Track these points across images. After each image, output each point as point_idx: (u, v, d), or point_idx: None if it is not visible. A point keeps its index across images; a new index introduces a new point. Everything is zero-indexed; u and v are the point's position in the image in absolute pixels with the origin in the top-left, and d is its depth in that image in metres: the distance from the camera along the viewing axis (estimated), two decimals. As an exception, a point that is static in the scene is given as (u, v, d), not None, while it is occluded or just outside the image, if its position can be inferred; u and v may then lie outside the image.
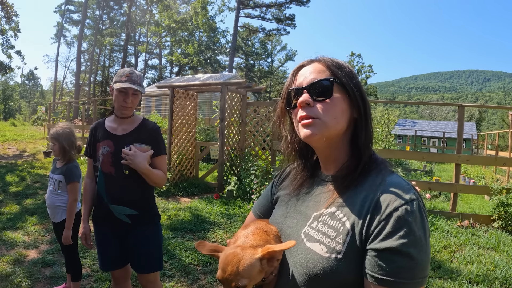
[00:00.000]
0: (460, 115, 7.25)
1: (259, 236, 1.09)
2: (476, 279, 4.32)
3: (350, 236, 0.95)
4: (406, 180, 1.01)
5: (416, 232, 0.88)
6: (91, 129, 2.62)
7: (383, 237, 0.89)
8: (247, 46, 52.77)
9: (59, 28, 59.13)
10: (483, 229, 6.37)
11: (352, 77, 1.06)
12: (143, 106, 21.33)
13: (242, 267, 0.95)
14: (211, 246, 1.08)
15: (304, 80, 1.06)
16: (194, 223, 6.09)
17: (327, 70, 1.05)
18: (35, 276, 3.99)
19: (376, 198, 0.96)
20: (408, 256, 0.86)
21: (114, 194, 2.45)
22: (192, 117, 9.47)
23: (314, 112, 1.02)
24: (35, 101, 74.87)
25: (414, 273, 0.87)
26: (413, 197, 0.93)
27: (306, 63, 1.11)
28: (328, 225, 1.01)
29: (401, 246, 0.86)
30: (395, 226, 0.89)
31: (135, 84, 2.38)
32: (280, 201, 1.27)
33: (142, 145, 2.37)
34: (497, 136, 19.13)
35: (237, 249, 1.00)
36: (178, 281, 4.05)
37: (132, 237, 2.50)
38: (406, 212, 0.89)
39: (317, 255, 0.98)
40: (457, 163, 7.18)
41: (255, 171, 7.68)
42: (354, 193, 1.02)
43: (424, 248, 0.88)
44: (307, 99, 1.02)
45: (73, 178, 3.35)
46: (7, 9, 22.50)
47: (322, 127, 1.01)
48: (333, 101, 1.02)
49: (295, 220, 1.14)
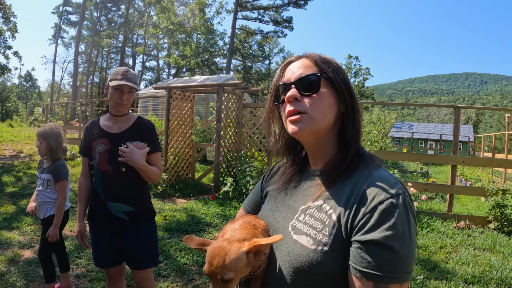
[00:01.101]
0: (456, 116, 7.27)
1: (247, 230, 1.09)
2: (472, 279, 4.32)
3: (336, 228, 0.95)
4: (393, 174, 1.01)
5: (400, 226, 0.88)
6: (85, 128, 2.62)
7: (367, 230, 0.89)
8: (244, 48, 52.78)
9: (57, 29, 58.99)
10: (479, 230, 6.37)
11: (339, 72, 1.07)
12: (140, 107, 21.28)
13: (228, 260, 0.95)
14: (199, 240, 1.08)
15: (292, 75, 1.07)
16: (190, 224, 6.08)
17: (315, 66, 1.06)
18: (30, 275, 3.98)
19: (362, 191, 0.96)
20: (391, 250, 0.86)
21: (111, 191, 2.46)
22: (189, 119, 9.47)
23: (302, 107, 1.02)
24: (33, 102, 74.67)
25: (397, 267, 0.86)
26: (399, 191, 0.93)
27: (294, 59, 1.12)
28: (314, 218, 1.02)
29: (384, 239, 0.86)
30: (379, 219, 0.89)
31: (131, 81, 2.40)
32: (269, 195, 1.28)
33: (139, 143, 2.39)
34: (493, 138, 19.17)
35: (224, 242, 1.00)
36: (172, 281, 4.04)
37: (129, 233, 2.51)
38: (391, 206, 0.90)
39: (304, 247, 0.99)
40: (453, 165, 7.19)
41: (251, 172, 7.69)
42: (341, 186, 1.02)
43: (407, 243, 0.88)
44: (295, 93, 1.03)
45: (62, 177, 3.40)
46: (4, 9, 22.49)
47: (310, 122, 1.02)
48: (320, 96, 1.03)
49: (283, 214, 1.14)
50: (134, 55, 56.52)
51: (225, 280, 0.94)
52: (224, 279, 0.94)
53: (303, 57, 1.11)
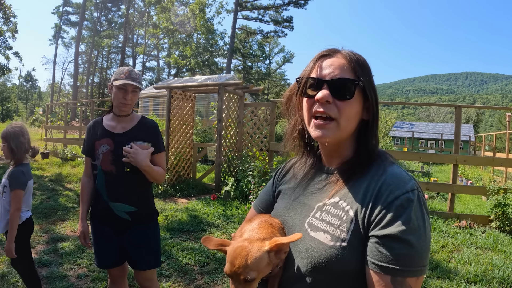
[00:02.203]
0: (457, 116, 7.27)
1: (265, 229, 1.09)
2: (474, 278, 4.32)
3: (353, 224, 0.97)
4: (406, 171, 1.02)
5: (415, 220, 0.90)
6: (88, 127, 2.60)
7: (384, 224, 0.91)
8: (244, 48, 52.71)
9: (57, 30, 59.03)
10: (481, 229, 6.37)
11: (372, 81, 1.06)
12: (141, 107, 21.30)
13: (250, 260, 0.94)
14: (218, 241, 1.07)
15: (327, 73, 1.04)
16: (191, 223, 6.08)
17: (351, 69, 1.03)
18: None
19: (378, 187, 0.98)
20: (407, 243, 0.88)
21: (115, 192, 2.45)
22: (190, 118, 9.46)
23: (332, 111, 1.01)
24: (33, 103, 74.65)
25: (413, 261, 0.88)
26: (413, 187, 0.95)
27: (329, 53, 1.08)
28: (331, 214, 1.03)
29: (401, 233, 0.88)
30: (395, 214, 0.91)
31: (135, 81, 2.39)
32: (282, 194, 1.28)
33: (143, 143, 2.38)
34: (494, 137, 19.16)
35: (245, 242, 1.00)
36: (175, 281, 4.03)
37: (131, 234, 2.50)
38: (407, 201, 0.92)
39: (322, 243, 1.00)
40: (455, 164, 7.18)
41: (253, 172, 7.67)
42: (357, 183, 1.03)
43: (423, 237, 0.90)
44: (327, 96, 1.01)
45: (16, 185, 2.90)
46: (5, 10, 22.48)
47: (335, 130, 1.02)
48: (351, 103, 1.02)
49: (298, 212, 1.15)
50: (134, 55, 56.51)
51: (248, 280, 0.94)
52: (247, 279, 0.94)
53: (338, 53, 1.07)
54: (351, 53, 1.06)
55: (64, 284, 3.82)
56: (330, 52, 1.08)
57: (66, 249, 4.74)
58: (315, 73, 1.06)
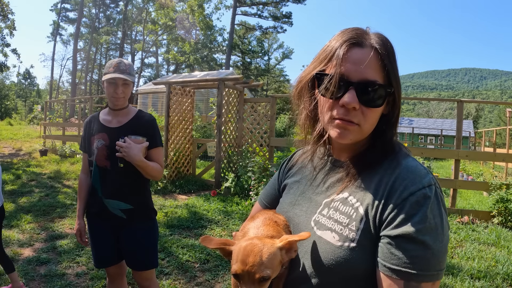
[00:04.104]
0: (459, 110, 7.21)
1: (270, 227, 1.02)
2: (478, 274, 4.27)
3: (364, 223, 0.89)
4: (423, 164, 0.93)
5: (432, 219, 0.82)
6: (85, 123, 2.53)
7: (397, 223, 0.83)
8: (243, 44, 52.52)
9: (55, 27, 58.86)
10: (483, 225, 6.34)
11: (399, 79, 0.96)
12: (140, 103, 21.23)
13: (265, 257, 0.88)
14: (219, 240, 0.98)
15: (355, 71, 0.88)
16: (191, 220, 6.02)
17: (382, 68, 0.90)
18: (29, 274, 3.93)
19: (391, 182, 0.89)
20: (423, 245, 0.79)
21: (109, 188, 2.37)
22: (189, 114, 9.40)
23: (356, 118, 0.90)
24: (31, 100, 74.35)
25: (429, 264, 0.80)
26: (430, 182, 0.86)
27: (358, 40, 0.91)
28: (340, 212, 0.94)
29: (416, 233, 0.80)
30: (410, 211, 0.82)
31: (124, 73, 2.30)
32: (288, 188, 1.19)
33: (137, 137, 2.30)
34: (494, 133, 19.10)
35: (254, 240, 0.93)
36: (175, 278, 3.98)
37: (127, 232, 2.42)
38: (423, 197, 0.83)
39: (329, 243, 0.92)
40: (457, 159, 7.13)
41: (253, 168, 7.62)
42: (368, 177, 0.95)
43: (440, 237, 0.81)
44: (354, 103, 0.88)
45: None
46: (2, 7, 22.37)
47: (358, 134, 0.93)
48: (378, 110, 0.93)
49: (304, 208, 1.06)
50: (133, 52, 56.41)
51: (264, 278, 0.87)
52: (264, 277, 0.87)
53: (367, 40, 0.91)
54: (381, 42, 0.91)
55: (62, 283, 3.76)
56: (358, 38, 0.91)
57: (64, 247, 4.68)
58: (339, 67, 0.89)
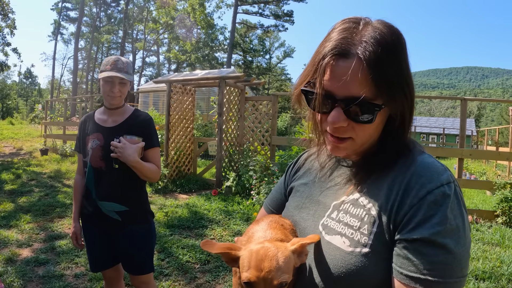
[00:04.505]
0: (463, 108, 7.14)
1: (277, 230, 0.95)
2: (483, 275, 4.20)
3: (377, 226, 0.81)
4: (439, 161, 0.86)
5: (453, 219, 0.75)
6: (80, 123, 2.45)
7: (414, 225, 0.76)
8: (245, 43, 52.47)
9: (56, 26, 58.76)
10: (487, 224, 6.27)
11: (404, 73, 0.82)
12: (141, 102, 21.16)
13: (282, 261, 0.81)
14: (224, 244, 0.90)
15: (339, 87, 0.79)
16: (192, 220, 5.96)
17: (370, 81, 0.76)
18: (27, 275, 3.87)
19: (407, 180, 0.81)
20: (444, 248, 0.72)
21: (104, 190, 2.30)
22: (190, 113, 9.33)
23: (346, 133, 0.84)
24: (33, 100, 74.50)
25: (451, 270, 0.72)
26: (449, 180, 0.79)
27: (345, 51, 0.78)
28: (350, 214, 0.87)
29: (436, 236, 0.73)
30: (428, 212, 0.75)
31: (121, 72, 2.23)
32: (295, 191, 1.12)
33: (133, 137, 2.23)
34: (497, 131, 19.02)
35: (265, 243, 0.85)
36: (175, 280, 3.91)
37: (123, 235, 2.35)
38: (442, 196, 0.76)
39: (338, 249, 0.84)
40: (460, 158, 7.06)
41: (254, 167, 7.56)
42: (381, 176, 0.87)
43: (462, 240, 0.75)
44: (340, 122, 0.81)
45: None
46: (2, 6, 22.32)
47: (353, 147, 0.87)
48: (372, 124, 0.83)
49: (312, 211, 0.99)
50: (134, 51, 56.36)
51: (282, 285, 0.80)
52: (282, 283, 0.80)
53: (355, 50, 0.78)
54: (372, 45, 0.77)
55: (60, 284, 3.71)
56: (344, 46, 0.79)
57: (63, 247, 4.62)
58: (321, 84, 0.81)
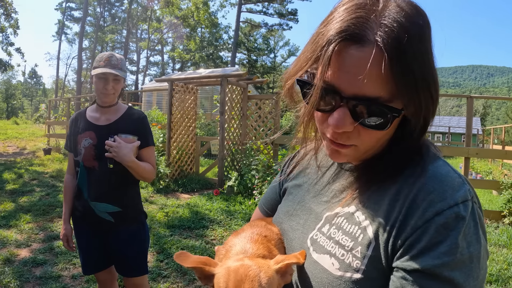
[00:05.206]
0: (469, 107, 7.03)
1: (260, 244, 0.84)
2: (489, 278, 4.11)
3: (372, 249, 0.68)
4: (457, 170, 0.70)
5: (465, 248, 0.61)
6: (71, 121, 2.38)
7: (416, 253, 0.63)
8: (249, 41, 52.43)
9: (60, 26, 59.09)
10: (493, 225, 6.16)
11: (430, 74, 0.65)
12: (144, 101, 21.16)
13: (265, 282, 0.70)
14: (198, 258, 0.79)
15: (348, 82, 0.63)
16: (193, 220, 5.87)
17: (390, 79, 0.62)
18: (24, 276, 3.83)
19: (413, 195, 0.67)
20: (450, 283, 0.60)
21: (97, 190, 2.22)
22: (192, 111, 9.25)
23: (349, 139, 0.70)
24: (37, 99, 74.80)
25: None
26: (466, 197, 0.65)
27: (359, 36, 0.61)
28: (343, 231, 0.74)
29: (441, 268, 0.60)
30: (435, 237, 0.62)
31: (115, 68, 2.15)
32: (288, 194, 1.00)
33: (128, 136, 2.15)
34: (503, 130, 18.87)
35: (245, 260, 0.75)
36: (173, 281, 3.84)
37: (116, 237, 2.28)
38: (454, 219, 0.62)
39: (326, 272, 0.72)
40: (466, 157, 6.93)
41: (257, 166, 7.47)
42: (383, 188, 0.73)
43: (475, 272, 0.61)
44: (345, 127, 0.67)
45: None
46: (6, 6, 22.36)
47: (355, 153, 0.74)
48: (381, 132, 0.69)
49: (302, 221, 0.87)
50: (138, 50, 56.49)
51: None
52: None
53: (373, 36, 0.61)
54: (395, 31, 0.60)
55: (57, 285, 3.66)
56: (358, 29, 0.62)
57: (61, 248, 4.55)
58: (329, 72, 0.64)
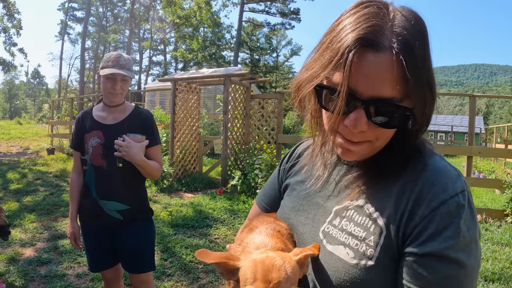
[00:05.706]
0: (472, 106, 7.02)
1: (276, 238, 0.88)
2: (492, 277, 4.11)
3: (384, 237, 0.74)
4: (451, 164, 0.79)
5: (465, 232, 0.69)
6: (77, 119, 2.39)
7: (426, 238, 0.70)
8: (252, 41, 52.43)
9: (63, 26, 59.12)
10: (496, 224, 6.17)
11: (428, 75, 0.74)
12: (147, 101, 21.22)
13: (290, 271, 0.74)
14: (221, 254, 0.82)
15: (365, 85, 0.68)
16: (197, 219, 5.90)
17: (402, 81, 0.68)
18: (29, 275, 3.86)
19: (418, 188, 0.74)
20: (456, 263, 0.67)
21: (105, 188, 2.25)
22: (195, 111, 9.27)
23: (364, 137, 0.75)
24: (40, 99, 75.02)
25: (462, 285, 0.67)
26: (463, 187, 0.73)
27: (375, 42, 0.67)
28: (354, 223, 0.80)
29: (448, 250, 0.67)
30: (441, 224, 0.69)
31: (123, 69, 2.18)
32: (290, 189, 1.02)
33: (136, 135, 2.18)
34: (506, 129, 18.79)
35: (269, 252, 0.78)
36: (177, 280, 3.86)
37: (123, 234, 2.31)
38: (456, 207, 0.70)
39: (342, 261, 0.77)
40: (469, 156, 6.93)
41: (260, 165, 7.49)
42: (389, 181, 0.79)
43: (474, 252, 0.70)
44: (362, 127, 0.71)
45: None
46: (8, 6, 22.45)
47: (367, 150, 0.79)
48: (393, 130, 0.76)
49: (311, 215, 0.90)
50: (141, 50, 56.46)
51: None
52: None
53: (388, 42, 0.67)
54: (405, 37, 0.67)
55: (62, 284, 3.68)
56: (374, 36, 0.67)
57: (66, 247, 4.59)
58: (345, 76, 0.67)
